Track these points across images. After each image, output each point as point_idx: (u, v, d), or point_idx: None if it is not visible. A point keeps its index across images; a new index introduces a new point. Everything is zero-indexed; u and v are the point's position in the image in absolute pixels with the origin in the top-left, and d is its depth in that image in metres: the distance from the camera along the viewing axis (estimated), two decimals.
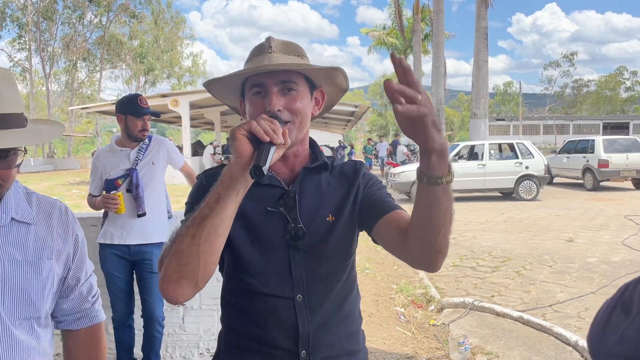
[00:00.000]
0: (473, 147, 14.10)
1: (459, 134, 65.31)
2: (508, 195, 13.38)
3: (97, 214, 3.11)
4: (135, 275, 3.00)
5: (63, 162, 36.85)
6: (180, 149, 16.86)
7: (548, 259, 6.39)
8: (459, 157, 13.56)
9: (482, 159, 13.26)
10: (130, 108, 2.91)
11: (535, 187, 12.95)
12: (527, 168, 12.99)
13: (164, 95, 19.35)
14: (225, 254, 1.17)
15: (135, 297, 3.04)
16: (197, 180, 1.21)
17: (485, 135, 17.07)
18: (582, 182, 15.50)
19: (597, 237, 7.80)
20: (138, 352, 3.09)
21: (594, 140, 15.15)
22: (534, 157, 13.21)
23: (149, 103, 3.11)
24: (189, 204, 1.15)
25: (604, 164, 14.42)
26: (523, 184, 12.98)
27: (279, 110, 1.09)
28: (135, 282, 3.01)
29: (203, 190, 1.05)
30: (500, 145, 15.17)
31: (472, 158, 13.68)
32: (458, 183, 13.06)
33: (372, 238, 1.19)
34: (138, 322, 3.06)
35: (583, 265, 6.00)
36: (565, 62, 71.29)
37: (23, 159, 1.10)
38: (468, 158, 13.73)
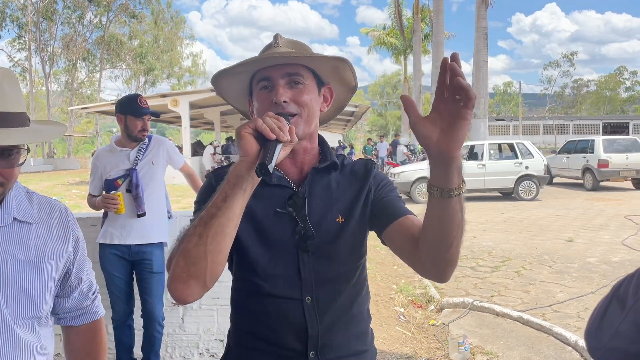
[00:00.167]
0: (473, 147, 14.10)
1: None
2: (508, 195, 13.38)
3: (97, 214, 3.11)
4: (135, 275, 3.00)
5: (63, 162, 36.84)
6: (180, 149, 16.86)
7: (548, 259, 6.39)
8: None
9: (482, 159, 13.27)
10: (130, 108, 2.91)
11: (535, 187, 12.95)
12: (527, 168, 13.00)
13: (164, 95, 19.34)
14: (234, 255, 1.16)
15: (135, 297, 3.04)
16: (205, 180, 1.20)
17: (485, 135, 17.08)
18: (582, 182, 15.50)
19: (596, 237, 7.80)
20: (138, 352, 3.09)
21: (594, 140, 15.16)
22: (534, 157, 13.21)
23: (149, 103, 3.11)
24: (198, 204, 1.13)
25: (604, 164, 14.42)
26: (523, 184, 12.98)
27: (285, 102, 1.08)
28: (135, 282, 3.02)
29: (211, 190, 1.04)
30: (500, 145, 15.16)
31: (472, 158, 13.68)
32: None
33: (381, 240, 1.17)
34: (138, 322, 3.06)
35: (583, 265, 6.00)
36: (565, 62, 71.33)
37: (26, 158, 1.10)
38: (468, 158, 13.72)
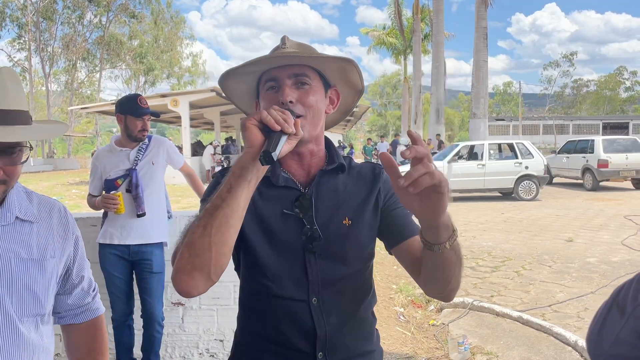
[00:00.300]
0: (473, 147, 14.12)
1: (459, 134, 65.35)
2: (508, 195, 13.38)
3: (96, 214, 3.11)
4: (135, 276, 3.00)
5: (63, 162, 36.84)
6: (180, 149, 16.87)
7: (547, 259, 6.39)
8: (459, 157, 13.57)
9: (481, 159, 13.27)
10: (130, 108, 2.91)
11: (535, 187, 12.95)
12: (526, 168, 13.00)
13: (164, 95, 19.34)
14: (241, 256, 1.16)
15: (135, 297, 3.04)
16: (212, 180, 1.20)
17: (485, 135, 17.09)
18: (581, 182, 15.50)
19: (596, 237, 7.81)
20: (138, 352, 3.09)
21: (594, 140, 15.15)
22: (534, 157, 13.22)
23: (149, 103, 3.11)
24: (203, 202, 1.12)
25: (604, 164, 14.42)
26: (523, 184, 12.99)
27: (291, 102, 1.08)
28: (135, 282, 3.02)
29: (217, 188, 1.04)
30: (500, 145, 15.18)
31: (471, 158, 13.69)
32: (458, 183, 13.06)
33: (388, 252, 1.21)
34: (138, 322, 3.06)
35: (582, 265, 6.00)
36: (565, 62, 71.40)
37: (28, 156, 1.11)
38: (468, 158, 13.75)
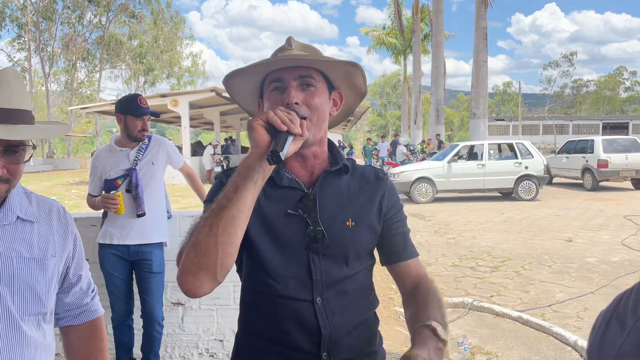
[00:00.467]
0: (472, 147, 14.13)
1: (459, 134, 65.36)
2: (507, 195, 13.39)
3: (96, 214, 3.11)
4: (135, 276, 3.00)
5: (62, 162, 36.84)
6: (180, 149, 16.87)
7: (547, 259, 6.39)
8: (459, 157, 13.57)
9: (481, 159, 13.28)
10: (130, 108, 2.91)
11: (535, 187, 12.96)
12: (526, 168, 13.01)
13: (164, 95, 19.34)
14: (244, 255, 1.16)
15: (135, 297, 3.04)
16: (215, 180, 1.20)
17: (485, 135, 17.10)
18: (581, 182, 15.51)
19: (596, 237, 7.81)
20: (137, 352, 3.09)
21: (594, 141, 15.16)
22: (534, 157, 13.23)
23: (149, 103, 3.10)
24: (207, 203, 1.12)
25: (604, 164, 14.43)
26: (522, 184, 12.99)
27: (297, 104, 1.08)
28: (135, 282, 3.02)
29: (222, 189, 1.04)
30: (500, 146, 15.17)
31: (471, 158, 13.70)
32: (458, 183, 13.07)
33: (381, 264, 1.24)
34: (137, 322, 3.05)
35: (582, 265, 6.01)
36: (565, 62, 71.44)
37: (31, 155, 1.12)
38: (467, 158, 13.75)
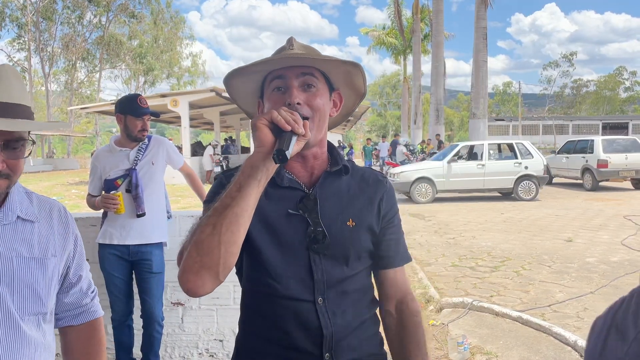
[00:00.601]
0: (472, 147, 14.12)
1: (458, 134, 65.37)
2: (507, 196, 13.39)
3: (96, 214, 3.11)
4: (135, 276, 3.00)
5: (62, 162, 36.87)
6: (180, 149, 16.87)
7: (547, 259, 6.39)
8: (459, 157, 13.57)
9: (481, 159, 13.28)
10: (130, 108, 2.91)
11: (535, 187, 12.96)
12: (526, 168, 13.01)
13: (164, 95, 19.36)
14: (245, 256, 1.16)
15: (135, 297, 3.04)
16: (215, 180, 1.21)
17: (485, 136, 17.10)
18: (581, 182, 15.51)
19: (596, 237, 7.81)
20: (137, 352, 3.09)
21: (593, 141, 15.16)
22: (533, 157, 13.22)
23: (149, 103, 3.11)
24: (207, 203, 1.12)
25: (603, 164, 14.43)
26: (522, 184, 12.99)
27: (299, 104, 1.09)
28: (135, 282, 3.02)
29: (222, 189, 1.04)
30: (500, 146, 15.17)
31: (471, 158, 13.69)
32: (458, 183, 13.07)
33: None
34: (137, 322, 3.06)
35: (582, 265, 6.00)
36: (565, 62, 71.47)
37: (31, 151, 1.12)
38: (467, 158, 13.75)
